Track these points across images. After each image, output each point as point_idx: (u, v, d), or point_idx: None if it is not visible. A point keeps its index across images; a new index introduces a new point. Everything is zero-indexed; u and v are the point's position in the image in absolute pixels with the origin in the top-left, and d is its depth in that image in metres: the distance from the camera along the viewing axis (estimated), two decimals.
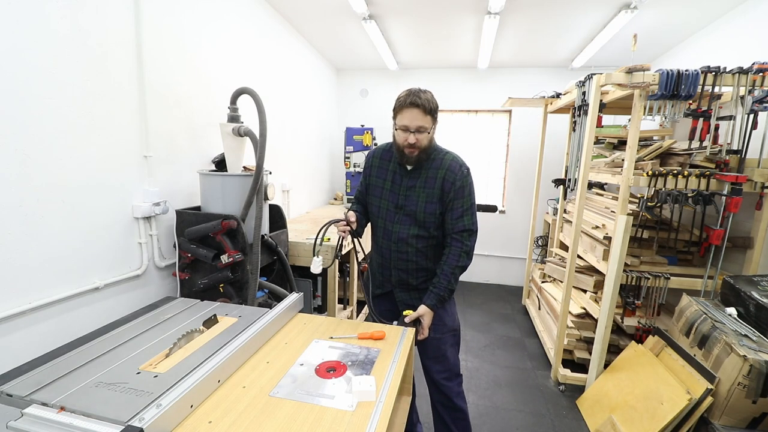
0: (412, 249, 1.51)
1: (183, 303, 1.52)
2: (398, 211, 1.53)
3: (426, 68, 4.34)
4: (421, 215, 1.49)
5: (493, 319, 3.65)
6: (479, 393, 2.46)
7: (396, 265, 1.56)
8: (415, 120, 1.39)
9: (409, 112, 1.39)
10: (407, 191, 1.51)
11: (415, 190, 1.50)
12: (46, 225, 1.31)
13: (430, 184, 1.48)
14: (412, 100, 1.37)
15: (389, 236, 1.54)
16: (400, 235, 1.52)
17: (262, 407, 0.94)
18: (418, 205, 1.49)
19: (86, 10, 1.41)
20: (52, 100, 1.31)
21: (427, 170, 1.50)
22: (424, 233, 1.50)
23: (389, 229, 1.54)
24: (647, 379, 1.95)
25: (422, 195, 1.49)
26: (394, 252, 1.54)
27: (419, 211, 1.49)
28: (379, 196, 1.57)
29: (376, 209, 1.58)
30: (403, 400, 1.38)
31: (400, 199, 1.52)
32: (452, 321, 1.61)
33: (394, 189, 1.54)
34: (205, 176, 1.85)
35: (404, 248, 1.52)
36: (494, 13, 2.72)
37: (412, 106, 1.38)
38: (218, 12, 2.19)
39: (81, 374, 1.00)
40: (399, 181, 1.53)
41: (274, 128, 2.58)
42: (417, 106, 1.37)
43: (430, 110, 1.39)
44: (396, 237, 1.52)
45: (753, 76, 1.89)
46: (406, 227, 1.51)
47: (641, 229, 2.36)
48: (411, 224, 1.50)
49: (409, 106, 1.38)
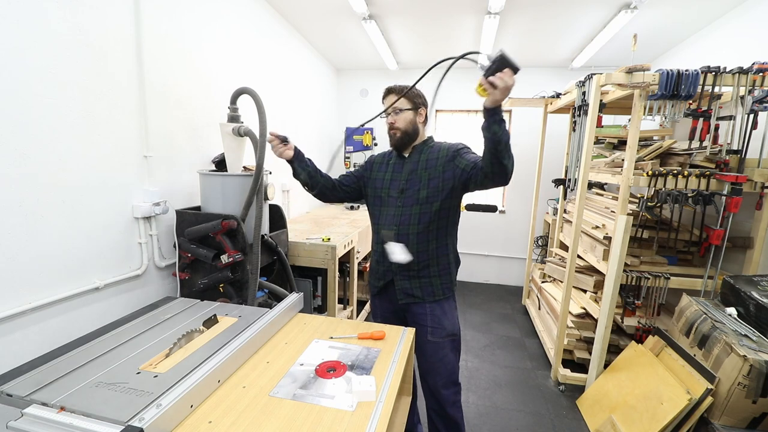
0: (414, 229, 1.53)
1: (183, 303, 1.52)
2: (401, 196, 1.57)
3: (426, 68, 4.33)
4: (424, 191, 1.52)
5: (493, 319, 3.65)
6: (479, 393, 2.46)
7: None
8: (389, 102, 1.55)
9: (386, 99, 1.57)
10: (409, 175, 1.57)
11: (417, 173, 1.56)
12: (46, 225, 1.31)
13: (432, 164, 1.55)
14: (388, 88, 1.57)
15: (392, 220, 1.57)
16: (402, 217, 1.55)
17: (262, 407, 0.94)
18: (421, 182, 1.54)
19: (86, 10, 1.41)
20: (52, 99, 1.31)
21: (427, 154, 1.58)
22: (426, 209, 1.53)
23: (392, 212, 1.57)
24: (647, 379, 1.95)
25: (425, 174, 1.54)
26: (396, 235, 1.55)
27: (422, 188, 1.53)
28: (381, 187, 1.62)
29: (378, 199, 1.63)
30: (403, 400, 1.38)
31: (402, 184, 1.57)
32: (452, 325, 1.60)
33: (395, 177, 1.60)
34: (205, 176, 1.85)
35: (406, 230, 1.54)
36: (494, 13, 2.72)
37: (387, 92, 1.57)
38: (218, 12, 2.19)
39: (81, 374, 1.00)
40: (399, 170, 1.60)
41: (274, 128, 2.58)
42: (391, 91, 1.55)
43: (401, 91, 1.53)
44: (398, 220, 1.55)
45: (753, 76, 1.89)
46: (408, 208, 1.54)
47: (641, 229, 2.36)
48: (413, 204, 1.54)
49: (386, 93, 1.57)
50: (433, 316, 1.57)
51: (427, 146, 1.59)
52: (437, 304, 1.58)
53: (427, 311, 1.57)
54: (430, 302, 1.57)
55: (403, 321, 1.65)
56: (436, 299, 1.57)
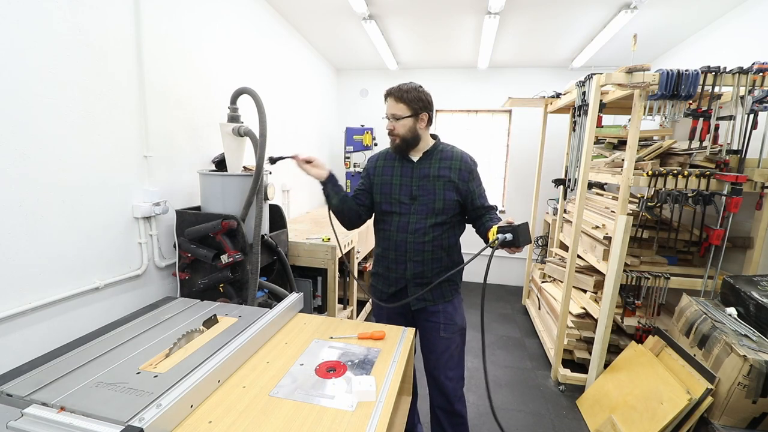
0: (429, 238, 1.52)
1: (183, 303, 1.52)
2: (413, 202, 1.53)
3: (426, 68, 4.34)
4: (440, 203, 1.50)
5: (493, 319, 3.64)
6: (479, 393, 2.46)
7: (412, 257, 1.53)
8: (390, 108, 1.49)
9: (386, 103, 1.51)
10: (420, 181, 1.53)
11: (430, 180, 1.52)
12: (46, 225, 1.31)
13: (445, 173, 1.52)
14: (388, 91, 1.50)
15: (405, 228, 1.53)
16: (417, 225, 1.52)
17: (262, 407, 0.94)
18: (437, 193, 1.51)
19: (86, 10, 1.41)
20: (52, 99, 1.31)
21: (438, 160, 1.54)
22: (441, 220, 1.51)
23: (405, 220, 1.54)
24: (647, 379, 1.95)
25: (439, 183, 1.51)
26: (410, 243, 1.53)
27: (438, 198, 1.51)
28: (389, 192, 1.57)
29: (388, 205, 1.57)
30: (403, 400, 1.38)
31: (413, 190, 1.53)
32: (462, 320, 1.62)
33: (405, 182, 1.55)
34: (205, 176, 1.85)
35: (421, 238, 1.52)
36: (494, 13, 2.72)
37: (388, 95, 1.50)
38: (218, 12, 2.19)
39: (81, 374, 1.00)
40: (409, 174, 1.55)
41: (274, 128, 2.58)
42: (390, 94, 1.49)
43: (401, 98, 1.47)
44: (413, 228, 1.52)
45: (753, 76, 1.89)
46: (422, 217, 1.52)
47: (641, 229, 2.36)
48: (428, 213, 1.51)
49: (386, 97, 1.51)
50: (445, 314, 1.58)
51: (437, 150, 1.56)
52: (449, 303, 1.60)
53: (439, 309, 1.58)
54: (442, 302, 1.59)
55: (411, 322, 1.63)
56: (447, 300, 1.60)
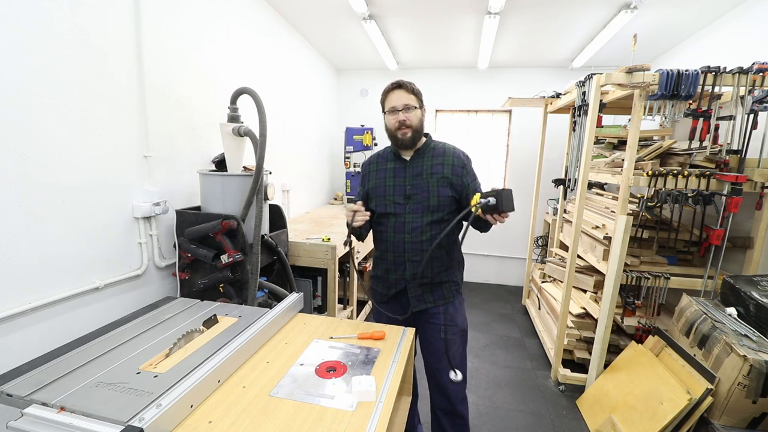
0: (427, 237, 1.51)
1: (183, 303, 1.52)
2: (408, 201, 1.52)
3: (426, 68, 4.34)
4: (435, 200, 1.50)
5: (493, 319, 3.65)
6: (479, 393, 2.46)
7: (411, 257, 1.53)
8: (401, 99, 1.48)
9: (394, 94, 1.50)
10: (413, 180, 1.53)
11: (423, 178, 1.52)
12: (46, 225, 1.31)
13: (438, 170, 1.52)
14: (395, 83, 1.50)
15: (402, 228, 1.53)
16: (413, 224, 1.51)
17: (262, 407, 0.94)
18: (431, 191, 1.50)
19: (86, 10, 1.41)
20: (52, 99, 1.31)
21: (430, 158, 1.54)
22: (437, 217, 1.51)
23: (401, 220, 1.53)
24: (647, 379, 1.95)
25: (432, 180, 1.51)
26: (408, 243, 1.52)
27: (432, 196, 1.50)
28: (383, 194, 1.56)
29: (383, 207, 1.56)
30: (403, 401, 1.38)
31: (407, 189, 1.53)
32: (463, 321, 1.62)
33: (398, 182, 1.55)
34: (205, 176, 1.85)
35: (419, 237, 1.51)
36: (494, 13, 2.72)
37: (396, 87, 1.49)
38: (218, 12, 2.19)
39: (81, 374, 1.00)
40: (402, 174, 1.55)
41: (274, 128, 2.58)
42: (400, 86, 1.49)
43: (413, 90, 1.50)
44: (410, 227, 1.52)
45: (753, 76, 1.89)
46: (418, 216, 1.51)
47: (641, 229, 2.36)
48: (423, 212, 1.51)
49: (393, 89, 1.50)
50: (446, 315, 1.57)
51: (429, 148, 1.56)
52: (450, 304, 1.59)
53: (440, 311, 1.57)
54: (443, 304, 1.58)
55: (412, 323, 1.62)
56: (447, 301, 1.59)
